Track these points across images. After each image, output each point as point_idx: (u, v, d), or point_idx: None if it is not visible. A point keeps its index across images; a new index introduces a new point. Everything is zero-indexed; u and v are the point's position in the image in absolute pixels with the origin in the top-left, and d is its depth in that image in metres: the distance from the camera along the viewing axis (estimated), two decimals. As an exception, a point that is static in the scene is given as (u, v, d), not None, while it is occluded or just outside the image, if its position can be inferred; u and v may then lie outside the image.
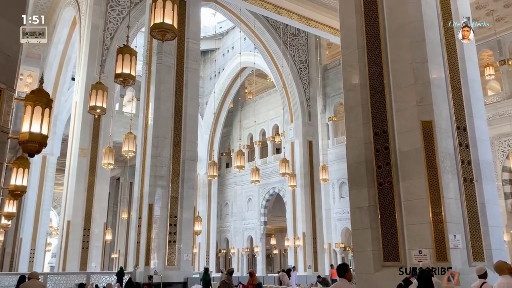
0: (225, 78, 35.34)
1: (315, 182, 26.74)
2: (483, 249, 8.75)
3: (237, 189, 36.73)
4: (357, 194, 9.79)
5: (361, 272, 9.51)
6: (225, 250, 38.04)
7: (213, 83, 36.33)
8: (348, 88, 10.51)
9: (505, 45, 24.56)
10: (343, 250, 29.21)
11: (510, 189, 23.04)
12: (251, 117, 34.07)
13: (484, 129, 9.86)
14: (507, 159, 22.25)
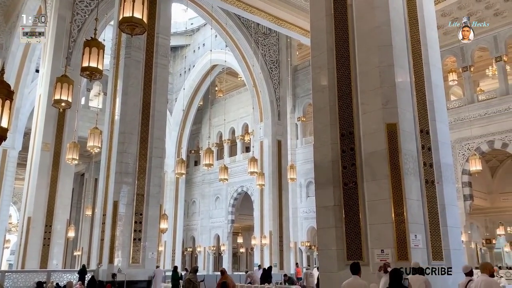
0: (195, 75, 35.08)
1: (283, 181, 26.95)
2: (442, 248, 9.05)
3: (205, 187, 36.54)
4: (323, 193, 9.94)
5: (325, 270, 9.68)
6: (191, 249, 37.79)
7: (183, 79, 35.98)
8: (317, 89, 10.65)
9: (467, 52, 25.47)
10: (309, 249, 29.57)
11: (469, 191, 23.94)
12: (221, 115, 33.98)
13: (446, 133, 10.20)
14: (467, 162, 23.09)
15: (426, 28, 10.35)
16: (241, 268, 37.94)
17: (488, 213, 28.85)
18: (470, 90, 25.25)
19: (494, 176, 29.39)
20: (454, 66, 26.06)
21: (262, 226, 27.07)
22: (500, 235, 28.34)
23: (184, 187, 36.17)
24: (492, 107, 23.41)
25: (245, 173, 26.96)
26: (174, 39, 30.71)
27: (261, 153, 28.01)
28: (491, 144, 23.32)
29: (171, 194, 34.94)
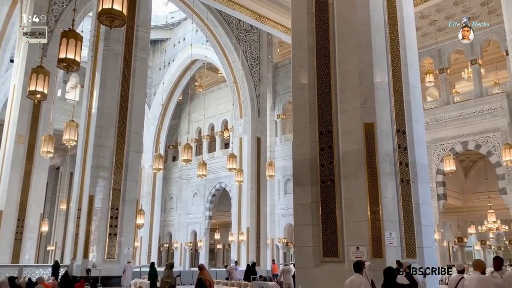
0: (175, 69, 34.76)
1: (262, 178, 27.03)
2: (416, 246, 9.24)
3: (182, 183, 36.32)
4: (300, 191, 10.01)
5: (301, 267, 9.76)
6: (168, 244, 37.55)
7: (162, 73, 35.62)
8: (297, 87, 10.70)
9: (444, 54, 25.99)
10: (286, 245, 29.76)
11: (443, 190, 24.50)
12: (201, 110, 33.80)
13: (421, 133, 10.39)
14: (442, 162, 23.60)
15: (405, 29, 10.50)
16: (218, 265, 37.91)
17: (460, 212, 29.59)
18: (446, 91, 25.79)
19: (467, 176, 30.13)
20: (431, 67, 26.56)
21: (239, 223, 27.10)
22: (472, 233, 29.11)
23: (161, 183, 35.88)
24: (466, 108, 23.97)
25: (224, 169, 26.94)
26: (154, 32, 30.36)
27: (240, 149, 28.01)
28: (465, 145, 23.89)
29: (148, 189, 34.61)
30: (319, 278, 8.95)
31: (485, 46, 25.30)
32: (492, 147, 22.75)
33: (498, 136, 22.62)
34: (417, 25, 13.43)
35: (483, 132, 23.19)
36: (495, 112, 22.98)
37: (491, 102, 23.32)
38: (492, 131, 22.89)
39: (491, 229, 25.82)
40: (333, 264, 8.81)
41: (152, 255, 33.17)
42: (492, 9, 22.61)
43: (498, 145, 22.07)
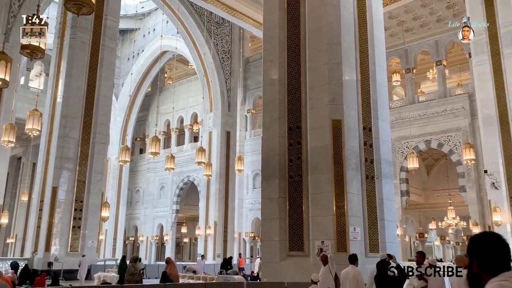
0: (144, 60, 34.15)
1: (231, 172, 27.02)
2: (379, 241, 9.51)
3: (150, 176, 35.83)
4: (269, 185, 10.09)
5: (268, 260, 9.86)
6: (134, 238, 37.04)
7: (130, 64, 34.92)
8: (267, 82, 10.76)
9: (411, 54, 26.67)
10: (253, 240, 29.93)
11: (406, 187, 25.22)
12: (170, 103, 33.36)
13: (387, 131, 10.67)
14: (405, 160, 24.26)
15: (374, 28, 10.73)
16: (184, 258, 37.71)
17: (422, 208, 30.57)
18: (412, 91, 26.49)
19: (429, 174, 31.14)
20: (398, 67, 27.18)
21: (207, 217, 27.04)
22: (432, 229, 30.14)
23: (128, 175, 35.28)
24: (430, 108, 24.71)
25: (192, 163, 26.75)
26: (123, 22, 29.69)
27: (210, 143, 27.88)
28: (428, 144, 24.65)
29: (114, 182, 33.97)
30: (284, 271, 9.07)
31: (450, 48, 26.11)
32: (454, 146, 23.58)
33: (459, 135, 23.45)
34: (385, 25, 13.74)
35: (445, 132, 23.99)
36: (457, 112, 23.80)
37: (454, 103, 24.14)
38: (454, 130, 23.71)
39: (450, 225, 26.79)
40: (298, 257, 8.96)
41: (117, 249, 32.65)
42: (457, 12, 23.33)
43: (459, 144, 22.89)
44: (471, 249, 1.87)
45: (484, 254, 1.83)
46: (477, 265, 1.81)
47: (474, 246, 1.86)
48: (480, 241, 1.87)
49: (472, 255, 1.85)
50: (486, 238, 1.89)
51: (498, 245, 1.84)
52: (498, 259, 1.80)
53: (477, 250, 1.84)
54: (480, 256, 1.82)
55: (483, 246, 1.85)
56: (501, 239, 1.86)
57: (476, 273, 1.82)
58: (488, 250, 1.83)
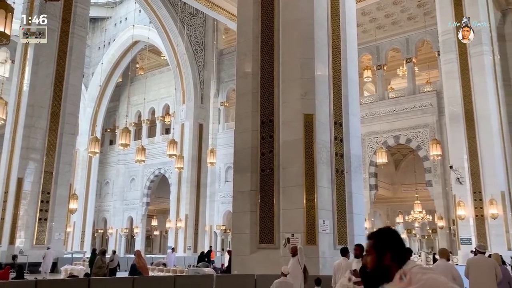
0: (115, 49, 33.43)
1: (203, 165, 26.90)
2: (347, 234, 9.70)
3: (120, 168, 35.27)
4: (240, 178, 10.12)
5: (238, 253, 9.91)
6: (103, 230, 36.46)
7: (101, 53, 34.13)
8: (241, 75, 10.74)
9: (382, 51, 27.15)
10: (224, 232, 29.98)
11: (375, 181, 25.79)
12: (141, 94, 32.84)
13: (357, 126, 10.86)
14: (374, 155, 24.78)
15: (347, 25, 10.86)
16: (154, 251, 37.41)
17: (390, 202, 31.35)
18: (382, 87, 27.02)
19: (397, 168, 31.93)
20: (370, 63, 27.64)
21: (178, 210, 26.87)
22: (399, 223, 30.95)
23: (97, 167, 34.59)
24: (400, 105, 25.28)
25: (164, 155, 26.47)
26: (94, 9, 28.97)
27: (182, 135, 27.64)
28: (397, 139, 25.24)
29: (82, 173, 33.26)
30: (254, 263, 9.14)
31: (420, 46, 26.72)
32: (421, 142, 24.23)
33: (427, 131, 24.11)
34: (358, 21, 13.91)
35: (413, 128, 24.61)
36: (426, 109, 24.44)
37: (422, 100, 24.77)
38: (422, 126, 24.36)
39: (417, 219, 27.58)
40: (268, 250, 9.04)
41: (85, 241, 32.07)
42: (428, 11, 23.88)
43: (427, 140, 23.53)
44: (383, 243, 1.97)
45: (396, 246, 1.97)
46: (390, 257, 1.94)
47: (387, 239, 1.99)
48: (391, 235, 2.01)
49: (385, 248, 1.95)
50: (394, 232, 2.04)
51: (401, 237, 2.03)
52: (405, 250, 1.99)
53: (390, 243, 1.97)
54: (393, 248, 1.96)
55: (394, 239, 1.99)
56: (398, 233, 2.06)
57: (388, 265, 1.93)
58: (399, 242, 1.99)
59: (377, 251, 1.97)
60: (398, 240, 2.01)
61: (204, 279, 9.00)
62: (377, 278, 1.96)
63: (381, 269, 1.96)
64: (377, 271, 1.96)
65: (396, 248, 1.98)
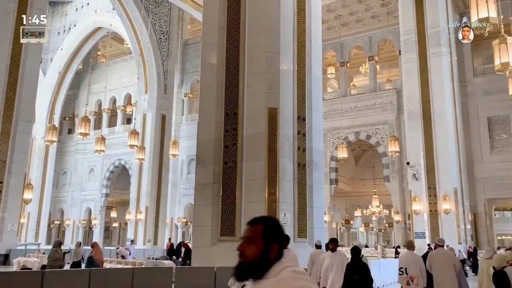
0: (76, 35, 32.28)
1: (165, 156, 26.53)
2: (307, 227, 9.87)
3: (78, 157, 34.26)
4: (203, 171, 10.07)
5: (199, 245, 9.89)
6: (59, 221, 35.37)
7: (61, 39, 32.86)
8: (205, 67, 10.65)
9: (346, 48, 27.64)
10: (185, 225, 29.79)
11: (335, 176, 26.34)
12: (102, 82, 31.94)
13: (320, 121, 11.03)
14: (335, 150, 25.29)
15: (312, 21, 10.97)
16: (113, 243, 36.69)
17: (349, 196, 32.12)
18: (345, 84, 27.54)
19: (357, 163, 32.73)
20: (334, 60, 28.08)
21: (138, 201, 26.42)
22: (357, 216, 31.79)
23: (54, 156, 33.43)
24: (361, 101, 25.88)
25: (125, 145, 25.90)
26: (53, -8, 27.80)
27: (144, 126, 27.12)
28: (357, 135, 25.85)
29: (39, 162, 32.06)
30: (215, 256, 9.15)
31: (382, 45, 27.38)
32: (381, 138, 24.93)
33: (386, 128, 24.83)
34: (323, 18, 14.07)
35: (373, 124, 25.27)
36: (386, 106, 25.14)
37: (383, 97, 25.46)
38: (382, 123, 25.06)
39: (374, 213, 28.42)
40: (229, 243, 9.07)
41: (40, 232, 31.01)
42: (391, 11, 24.48)
43: (386, 137, 24.24)
44: (273, 232, 1.73)
45: (283, 240, 1.76)
46: (277, 250, 1.71)
47: (277, 230, 1.75)
48: (280, 227, 1.77)
49: (274, 239, 1.71)
50: (277, 221, 1.80)
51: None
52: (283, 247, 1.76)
53: (280, 235, 1.75)
54: (281, 242, 1.74)
55: (282, 232, 1.77)
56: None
57: (272, 259, 1.69)
58: (285, 236, 1.79)
59: (265, 240, 1.70)
60: (283, 234, 1.78)
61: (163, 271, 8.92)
62: (252, 271, 1.68)
63: (263, 261, 1.68)
64: (258, 263, 1.68)
65: (282, 242, 1.74)
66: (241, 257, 1.72)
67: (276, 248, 1.70)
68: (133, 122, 26.81)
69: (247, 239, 1.73)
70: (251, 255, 1.69)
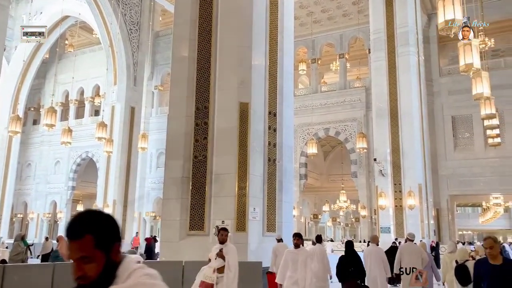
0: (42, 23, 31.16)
1: (133, 150, 26.09)
2: (276, 221, 9.97)
3: (43, 149, 33.27)
4: (172, 165, 9.99)
5: (167, 240, 9.82)
6: (23, 215, 34.31)
7: (26, 26, 31.71)
8: (176, 59, 10.55)
9: (317, 45, 27.92)
10: (153, 219, 29.49)
11: (305, 171, 26.65)
12: (70, 72, 31.03)
13: (290, 117, 11.13)
14: (306, 146, 25.57)
15: (285, 16, 11.01)
16: (79, 237, 35.82)
17: (317, 191, 32.59)
18: (316, 81, 27.85)
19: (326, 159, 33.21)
20: (305, 57, 28.32)
21: (106, 195, 25.93)
22: (325, 211, 32.31)
23: (18, 147, 32.31)
24: (331, 98, 26.25)
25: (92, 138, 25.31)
26: (18, -22, 26.78)
27: (112, 118, 26.57)
28: (327, 131, 26.23)
29: (1, 154, 30.94)
30: (183, 250, 9.12)
31: (352, 43, 27.80)
32: (349, 135, 25.38)
33: (354, 125, 25.29)
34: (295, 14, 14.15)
35: (343, 121, 25.69)
36: (355, 103, 25.59)
37: (352, 95, 25.89)
38: (351, 120, 25.51)
39: (341, 208, 28.95)
40: (198, 237, 9.06)
41: (2, 226, 30.00)
42: (361, 9, 24.86)
43: (354, 134, 24.69)
44: (108, 231, 1.39)
45: (118, 230, 1.44)
46: (119, 248, 1.40)
47: (108, 230, 1.39)
48: (108, 222, 1.42)
49: (112, 238, 1.39)
50: (104, 216, 1.44)
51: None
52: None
53: (114, 231, 1.41)
54: (118, 235, 1.42)
55: (113, 223, 1.42)
56: None
57: (117, 261, 1.37)
58: (116, 225, 1.44)
59: (104, 250, 1.35)
60: (117, 225, 1.44)
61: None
62: (101, 286, 1.33)
63: (110, 271, 1.35)
64: (105, 275, 1.34)
65: (119, 237, 1.42)
66: (83, 280, 1.33)
67: (118, 247, 1.39)
68: (101, 114, 26.24)
69: (80, 261, 1.33)
70: (94, 273, 1.33)
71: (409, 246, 8.15)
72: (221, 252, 5.82)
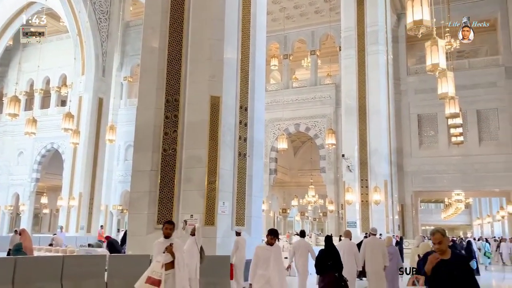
0: (6, 9, 29.98)
1: (101, 142, 25.53)
2: (245, 215, 10.00)
3: (6, 139, 32.10)
4: (141, 157, 9.86)
5: (134, 234, 9.70)
6: (-18, 207, 33.06)
7: (-12, 11, 30.41)
8: (147, 50, 10.38)
9: (289, 41, 28.04)
10: (120, 212, 29.03)
11: (275, 166, 26.81)
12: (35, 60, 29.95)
13: (261, 112, 11.16)
14: (276, 141, 25.70)
15: (257, 11, 11.00)
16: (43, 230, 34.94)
17: (287, 186, 32.87)
18: (287, 76, 27.99)
19: (296, 154, 33.50)
20: (277, 52, 28.39)
21: (71, 187, 25.31)
22: (294, 206, 32.64)
23: (-22, 137, 31.15)
24: (302, 94, 26.44)
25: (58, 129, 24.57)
26: (-19, -40, 25.61)
27: (79, 109, 25.90)
28: (297, 127, 26.43)
29: (-40, 143, 29.72)
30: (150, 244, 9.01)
31: (324, 40, 28.05)
32: (319, 131, 25.67)
33: (324, 121, 25.59)
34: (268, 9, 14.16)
35: (313, 117, 25.96)
36: (325, 100, 25.89)
37: (323, 91, 26.18)
38: (320, 116, 25.79)
39: (310, 203, 29.31)
40: (166, 230, 8.97)
41: (-41, 219, 28.84)
42: (333, 7, 25.09)
43: (324, 130, 24.99)
44: None
45: None
46: None
47: None
48: None
49: None
50: None
51: None
52: None
53: None
54: None
55: None
56: None
57: None
58: None
59: None
60: None
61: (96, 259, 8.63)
62: None
63: None
64: None
65: None
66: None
67: None
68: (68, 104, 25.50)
69: None
70: None
71: (372, 240, 8.48)
72: (171, 246, 5.55)
